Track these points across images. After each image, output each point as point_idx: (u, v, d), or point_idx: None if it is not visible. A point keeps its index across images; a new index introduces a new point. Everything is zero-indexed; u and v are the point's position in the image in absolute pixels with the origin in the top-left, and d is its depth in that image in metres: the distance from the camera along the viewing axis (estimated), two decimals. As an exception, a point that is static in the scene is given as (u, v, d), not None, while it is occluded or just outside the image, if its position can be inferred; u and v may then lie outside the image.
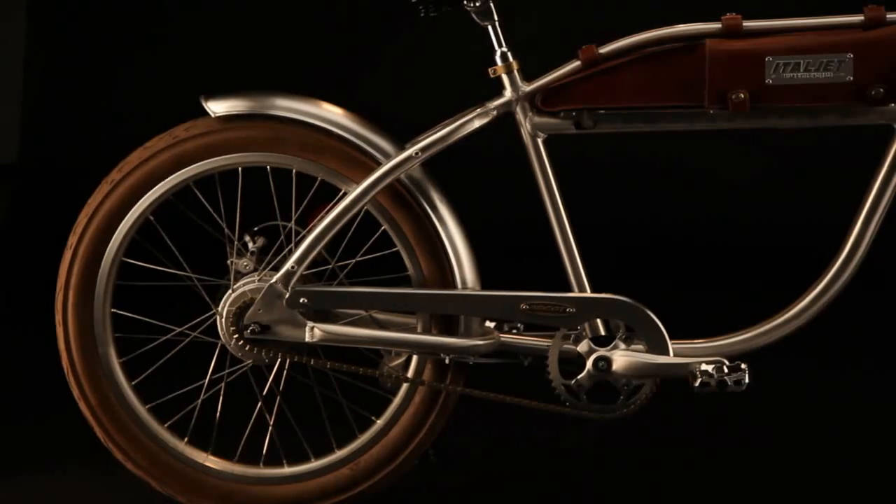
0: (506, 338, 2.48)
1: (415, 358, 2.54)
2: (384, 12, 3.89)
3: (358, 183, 2.47)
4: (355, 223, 2.49)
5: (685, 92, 2.39)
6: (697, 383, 2.38)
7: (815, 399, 3.16)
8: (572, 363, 2.43)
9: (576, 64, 2.42)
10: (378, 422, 2.56)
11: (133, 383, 2.59)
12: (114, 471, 2.65)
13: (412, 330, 2.53)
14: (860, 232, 2.37)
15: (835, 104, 2.36)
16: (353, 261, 2.53)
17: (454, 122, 2.47)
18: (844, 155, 2.79)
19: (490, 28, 2.45)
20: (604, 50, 2.42)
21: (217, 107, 2.51)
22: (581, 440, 2.91)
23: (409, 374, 2.54)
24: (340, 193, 2.51)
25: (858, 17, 2.35)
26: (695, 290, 3.58)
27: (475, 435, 2.95)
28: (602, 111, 2.42)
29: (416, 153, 2.46)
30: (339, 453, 2.58)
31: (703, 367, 2.38)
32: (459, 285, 2.49)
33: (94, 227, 2.53)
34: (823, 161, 3.68)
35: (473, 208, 2.59)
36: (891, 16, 2.34)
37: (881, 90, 2.32)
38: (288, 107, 2.52)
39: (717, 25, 2.38)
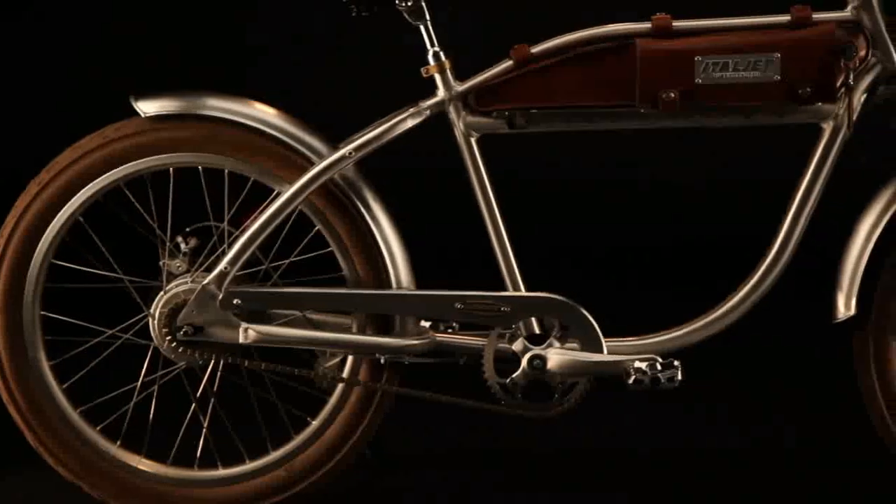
0: (441, 337, 2.48)
1: (350, 358, 2.54)
2: (317, 12, 3.88)
3: (291, 183, 2.46)
4: (289, 223, 2.49)
5: (617, 91, 2.40)
6: (631, 381, 2.40)
7: (748, 394, 3.20)
8: (507, 362, 2.44)
9: (508, 63, 2.43)
10: (313, 422, 2.56)
11: (64, 386, 2.56)
12: (46, 476, 2.62)
13: (347, 330, 2.52)
14: (789, 229, 2.40)
15: (764, 103, 2.39)
16: (287, 261, 2.52)
17: (387, 121, 2.47)
18: (776, 153, 2.83)
19: (422, 27, 2.45)
20: (536, 49, 2.43)
21: (147, 107, 2.50)
22: (516, 438, 2.92)
23: (345, 374, 2.54)
24: (274, 194, 2.50)
25: (785, 18, 2.38)
26: (628, 288, 3.61)
27: (411, 434, 2.96)
28: (535, 110, 2.44)
29: (350, 153, 2.46)
30: (275, 454, 2.57)
31: (637, 364, 2.40)
32: (394, 285, 2.49)
33: (23, 229, 2.50)
34: (756, 160, 3.72)
35: (408, 208, 2.59)
36: (817, 16, 2.37)
37: (808, 89, 2.35)
38: (220, 107, 2.50)
39: (647, 25, 2.40)
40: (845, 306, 2.39)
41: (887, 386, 2.44)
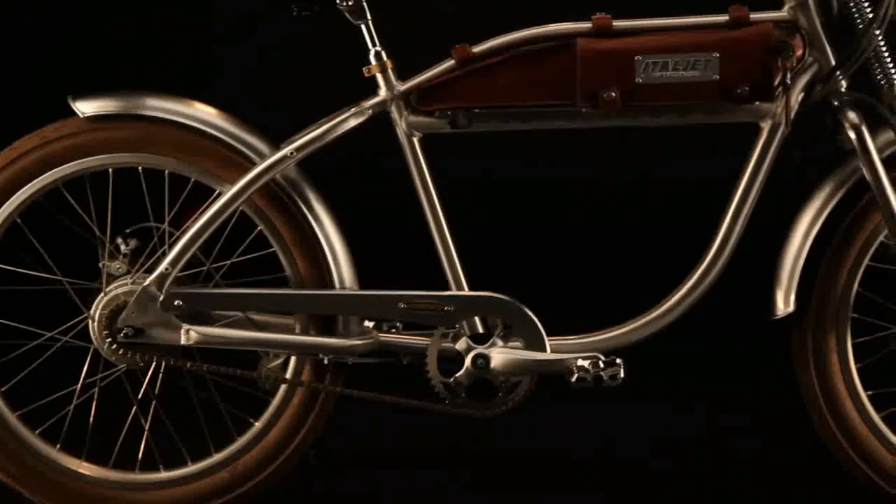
0: (384, 337, 2.48)
1: (293, 359, 2.53)
2: (260, 12, 3.86)
3: (232, 183, 2.45)
4: (230, 224, 2.47)
5: (558, 91, 2.41)
6: (574, 379, 2.41)
7: (690, 390, 3.23)
8: (451, 361, 2.44)
9: (450, 63, 2.44)
10: (256, 424, 2.54)
11: (2, 390, 2.53)
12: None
13: (290, 331, 2.52)
14: (728, 227, 2.42)
15: (703, 102, 2.41)
16: (229, 262, 2.51)
17: (329, 121, 2.46)
18: (718, 152, 2.85)
19: (363, 27, 2.45)
20: (477, 49, 2.43)
21: (86, 107, 2.47)
22: (460, 437, 2.93)
23: (288, 375, 2.53)
24: (215, 194, 2.49)
25: (723, 17, 2.40)
26: (571, 287, 3.63)
27: (355, 435, 2.95)
28: (477, 110, 2.44)
29: (292, 153, 2.45)
30: (217, 456, 2.55)
31: (580, 362, 2.41)
32: (337, 285, 2.48)
33: (-41, 230, 2.48)
34: (696, 159, 3.75)
35: (351, 207, 2.59)
36: (754, 16, 2.39)
37: (746, 88, 2.38)
38: (159, 107, 2.49)
39: (587, 25, 2.41)
40: (784, 303, 2.42)
41: (826, 382, 2.47)
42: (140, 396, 2.55)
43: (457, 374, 2.44)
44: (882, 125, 2.39)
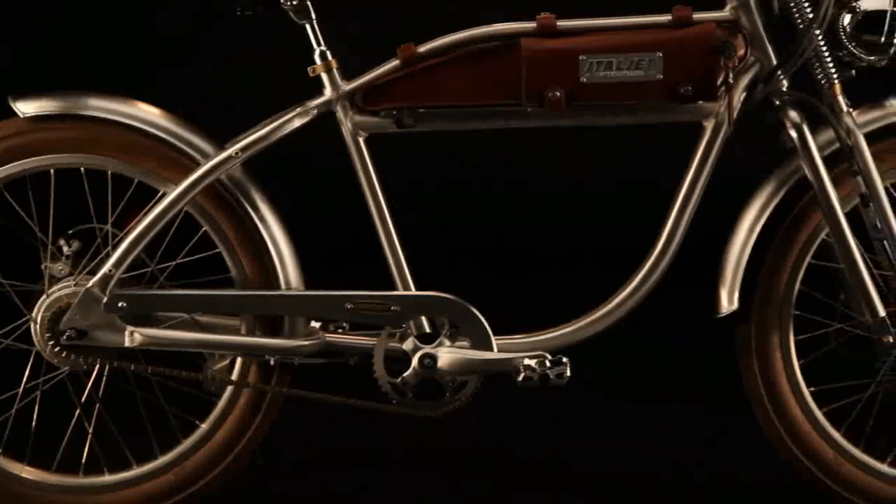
0: (331, 337, 2.47)
1: (239, 360, 2.52)
2: (205, 11, 3.84)
3: (176, 184, 2.43)
4: (175, 225, 2.46)
5: (503, 91, 2.42)
6: (521, 378, 2.42)
7: (636, 388, 3.26)
8: (398, 361, 2.44)
9: (395, 63, 2.43)
10: (202, 426, 2.53)
11: (-57, 394, 2.51)
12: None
13: (236, 332, 2.50)
14: (673, 225, 2.44)
15: (647, 102, 2.42)
16: (174, 263, 2.49)
17: (274, 121, 2.45)
18: (663, 151, 2.87)
19: (308, 27, 2.44)
20: (422, 49, 2.43)
21: (26, 107, 2.45)
22: (408, 437, 2.93)
23: (234, 376, 2.52)
24: (159, 195, 2.47)
25: (667, 17, 2.41)
26: (518, 286, 3.64)
27: (302, 435, 2.94)
28: (422, 110, 2.44)
29: (236, 153, 2.44)
30: (163, 459, 2.54)
31: (527, 361, 2.42)
32: (283, 286, 2.47)
33: None
34: (640, 159, 3.77)
35: (297, 207, 2.59)
36: (697, 16, 2.41)
37: (689, 88, 2.39)
38: (102, 107, 2.46)
39: (531, 25, 2.42)
40: (728, 301, 2.44)
41: (769, 379, 2.50)
42: (84, 399, 2.53)
43: (404, 374, 2.44)
44: (823, 124, 2.42)
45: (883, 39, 2.38)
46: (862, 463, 2.51)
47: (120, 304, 2.43)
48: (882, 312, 2.40)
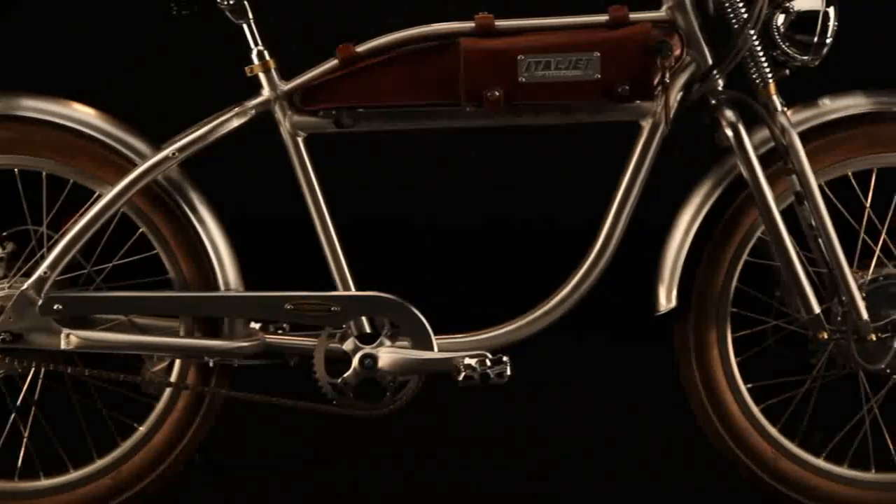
0: (271, 338, 2.46)
1: (178, 362, 2.50)
2: (140, 10, 3.80)
3: (113, 185, 2.41)
4: (111, 226, 2.43)
5: (442, 90, 2.42)
6: (461, 377, 2.42)
7: (576, 386, 3.27)
8: (339, 362, 2.43)
9: (333, 63, 2.43)
10: (140, 429, 2.51)
11: None
12: None
13: (174, 333, 2.49)
14: (612, 225, 2.45)
15: (585, 101, 2.43)
16: (111, 265, 2.47)
17: (211, 121, 2.44)
18: (600, 150, 2.88)
19: (245, 26, 2.43)
20: (361, 48, 2.43)
21: (-43, 108, 2.42)
22: (349, 438, 2.92)
23: (172, 378, 2.50)
24: (95, 196, 2.45)
25: (604, 17, 2.43)
26: (459, 286, 3.64)
27: (242, 438, 2.92)
28: (361, 110, 2.44)
29: (173, 153, 2.42)
30: (100, 462, 2.51)
31: (467, 361, 2.42)
32: (222, 287, 2.46)
33: None
34: (582, 158, 3.78)
35: (236, 208, 2.57)
36: (634, 15, 2.43)
37: (627, 88, 2.40)
38: (36, 107, 2.44)
39: (470, 24, 2.42)
40: (666, 299, 2.46)
41: (707, 376, 2.52)
42: (19, 403, 2.50)
43: (344, 375, 2.43)
44: (758, 123, 2.44)
45: (816, 39, 2.41)
46: (798, 458, 2.54)
47: (55, 307, 2.40)
48: (817, 309, 2.43)
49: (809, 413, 2.53)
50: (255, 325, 2.47)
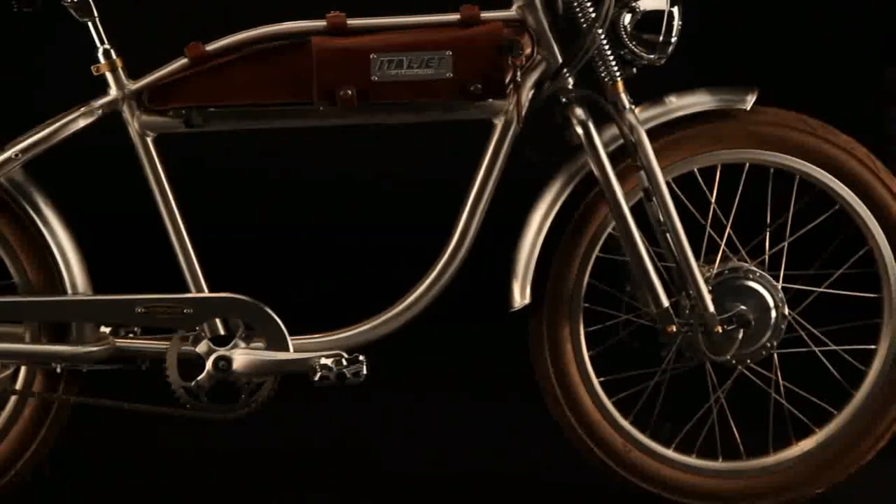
0: (121, 342, 2.42)
1: (23, 369, 2.44)
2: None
3: (-48, 188, 2.34)
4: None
5: (294, 89, 2.40)
6: (317, 377, 2.41)
7: (433, 384, 3.28)
8: (193, 364, 2.40)
9: (183, 62, 2.39)
10: (-16, 439, 2.44)
11: None
12: None
13: (19, 339, 2.42)
14: (465, 223, 2.46)
15: (438, 100, 2.44)
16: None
17: (56, 121, 2.39)
18: (455, 150, 2.90)
19: (90, 24, 2.38)
20: (211, 47, 2.40)
21: None
22: (203, 440, 2.88)
23: (18, 386, 2.44)
24: (-67, 199, 2.37)
25: (455, 16, 2.44)
26: (313, 286, 3.63)
27: (95, 445, 2.87)
28: (212, 109, 2.41)
29: (16, 154, 2.37)
30: (-59, 476, 2.44)
31: (323, 361, 2.41)
32: (69, 291, 2.41)
33: None
34: (435, 157, 3.80)
35: (85, 210, 2.51)
36: (485, 14, 2.44)
37: (479, 86, 2.42)
38: None
39: (322, 23, 2.41)
40: (520, 295, 2.48)
41: (560, 370, 2.55)
42: None
43: (198, 378, 2.40)
44: (607, 121, 2.48)
45: (661, 38, 2.46)
46: (649, 449, 2.58)
47: None
48: (666, 303, 2.47)
49: (659, 405, 2.58)
50: (105, 330, 2.42)
